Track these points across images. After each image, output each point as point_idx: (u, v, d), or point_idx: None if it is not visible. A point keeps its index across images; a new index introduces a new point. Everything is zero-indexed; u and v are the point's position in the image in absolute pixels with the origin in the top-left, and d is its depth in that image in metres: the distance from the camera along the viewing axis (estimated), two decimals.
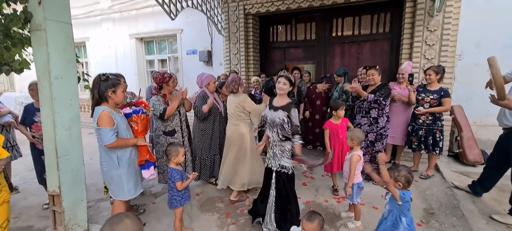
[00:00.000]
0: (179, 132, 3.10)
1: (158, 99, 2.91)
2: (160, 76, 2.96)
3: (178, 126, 3.09)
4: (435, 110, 3.39)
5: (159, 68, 7.23)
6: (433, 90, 3.42)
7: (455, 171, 3.88)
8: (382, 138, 3.28)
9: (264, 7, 5.09)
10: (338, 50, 5.24)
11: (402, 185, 1.84)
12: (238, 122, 3.03)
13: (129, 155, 2.22)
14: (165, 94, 3.01)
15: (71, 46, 2.19)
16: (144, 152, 2.30)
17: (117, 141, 2.08)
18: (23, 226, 2.75)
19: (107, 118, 2.04)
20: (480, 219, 2.66)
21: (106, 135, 2.02)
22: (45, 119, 2.10)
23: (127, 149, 2.21)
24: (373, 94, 3.19)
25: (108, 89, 2.09)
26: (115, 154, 2.15)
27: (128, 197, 2.26)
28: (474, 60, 4.23)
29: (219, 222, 2.71)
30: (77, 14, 7.18)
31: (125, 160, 2.19)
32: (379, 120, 3.24)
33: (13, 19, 2.09)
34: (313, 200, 3.13)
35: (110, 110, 2.09)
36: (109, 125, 2.03)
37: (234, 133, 3.04)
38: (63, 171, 2.15)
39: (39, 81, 2.09)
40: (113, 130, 2.05)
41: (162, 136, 3.03)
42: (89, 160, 4.54)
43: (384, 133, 3.27)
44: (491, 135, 4.06)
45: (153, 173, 2.37)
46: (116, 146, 2.10)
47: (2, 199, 1.92)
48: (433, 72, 3.40)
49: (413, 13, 4.15)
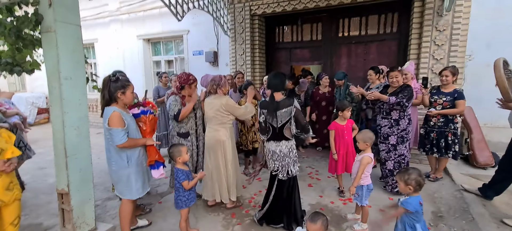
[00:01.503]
0: (194, 135, 2.99)
1: (175, 100, 2.83)
2: (185, 77, 2.84)
3: (193, 129, 2.98)
4: (448, 112, 3.28)
5: (166, 69, 7.30)
6: (447, 92, 3.30)
7: (465, 174, 3.80)
8: (404, 141, 3.12)
9: (270, 7, 5.09)
10: (344, 50, 5.20)
11: (412, 189, 1.79)
12: (218, 127, 2.79)
13: (138, 154, 2.26)
14: (184, 96, 2.90)
15: (80, 48, 2.23)
16: (153, 152, 2.33)
17: (128, 141, 2.11)
18: (33, 223, 2.81)
19: (118, 118, 2.07)
20: (491, 223, 2.60)
21: (118, 135, 2.06)
22: (55, 118, 2.15)
23: (136, 149, 2.25)
24: (395, 96, 3.08)
25: (118, 90, 2.13)
26: (125, 153, 2.18)
27: (136, 196, 2.29)
28: (485, 61, 4.13)
29: (225, 223, 2.72)
30: (86, 16, 7.31)
31: (134, 160, 2.23)
32: (400, 121, 3.10)
33: (25, 21, 2.15)
34: (318, 202, 3.11)
35: (120, 110, 2.12)
36: (120, 125, 2.07)
37: (212, 139, 2.81)
38: (71, 170, 2.19)
39: (49, 82, 2.13)
40: (124, 130, 2.09)
41: (176, 137, 2.97)
42: (97, 159, 4.61)
43: (406, 135, 3.12)
44: (502, 137, 3.96)
45: (162, 173, 2.39)
46: (127, 146, 2.14)
47: (14, 196, 1.96)
48: (450, 73, 3.26)
49: (421, 12, 4.09)
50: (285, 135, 2.42)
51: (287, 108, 2.37)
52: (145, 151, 2.36)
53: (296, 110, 2.38)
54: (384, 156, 3.24)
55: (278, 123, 2.40)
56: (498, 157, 3.81)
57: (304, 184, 3.57)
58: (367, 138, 2.44)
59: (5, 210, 1.94)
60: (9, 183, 1.95)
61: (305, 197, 3.18)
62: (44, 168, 4.32)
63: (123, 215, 2.31)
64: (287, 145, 2.45)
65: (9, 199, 1.93)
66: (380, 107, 3.28)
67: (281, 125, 2.40)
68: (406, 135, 3.13)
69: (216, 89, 2.82)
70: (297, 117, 2.39)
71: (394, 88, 3.17)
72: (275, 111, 2.39)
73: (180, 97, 2.87)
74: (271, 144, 2.49)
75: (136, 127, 2.30)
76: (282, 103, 2.39)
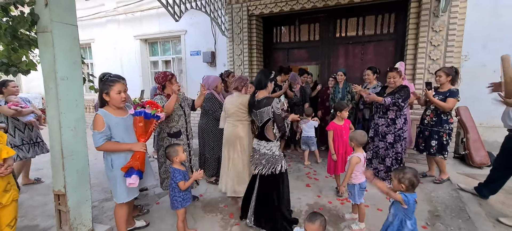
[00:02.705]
0: (184, 133, 2.99)
1: (161, 99, 2.82)
2: (162, 75, 2.87)
3: (184, 127, 2.99)
4: (435, 102, 3.22)
5: (163, 69, 7.27)
6: (442, 91, 3.33)
7: (461, 173, 3.83)
8: (401, 139, 3.24)
9: (267, 8, 5.10)
10: (342, 51, 5.22)
11: (405, 187, 1.82)
12: (237, 123, 2.88)
13: (124, 159, 2.16)
14: (169, 94, 2.89)
15: (77, 48, 2.21)
16: (134, 159, 2.13)
17: (105, 145, 2.06)
18: (29, 225, 2.78)
19: (99, 121, 2.06)
20: (487, 222, 2.62)
21: (94, 138, 2.05)
22: (51, 119, 2.13)
23: (121, 154, 2.15)
24: (392, 96, 3.14)
25: (103, 92, 2.12)
26: (110, 156, 2.16)
27: (120, 200, 2.22)
28: (481, 61, 4.18)
29: (223, 223, 2.71)
30: (83, 15, 7.25)
31: (119, 164, 2.14)
32: (397, 121, 3.20)
33: (21, 21, 2.13)
34: (316, 202, 3.12)
35: (106, 112, 2.11)
36: (98, 128, 2.05)
37: (231, 134, 2.90)
38: (68, 171, 2.17)
39: (45, 83, 2.12)
40: (101, 133, 2.04)
41: (167, 138, 2.90)
42: (94, 160, 4.57)
43: (402, 134, 3.23)
44: (498, 137, 4.00)
45: (132, 183, 2.12)
46: (104, 150, 2.11)
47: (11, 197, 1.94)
48: (443, 74, 3.29)
49: (418, 13, 4.12)
50: (266, 135, 2.43)
51: (265, 108, 2.37)
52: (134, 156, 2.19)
53: (274, 113, 2.37)
54: (383, 153, 3.32)
55: (259, 121, 2.42)
56: (494, 156, 3.83)
57: (302, 184, 3.58)
58: (352, 138, 2.47)
59: (1, 212, 1.93)
60: (6, 184, 1.93)
61: (303, 197, 3.19)
62: (40, 169, 4.28)
63: (118, 217, 2.31)
64: (266, 146, 2.45)
65: (7, 201, 1.91)
66: (377, 107, 3.33)
67: (262, 124, 2.41)
68: (402, 133, 3.22)
69: (242, 87, 2.92)
70: (274, 118, 2.40)
71: (392, 89, 3.21)
72: (255, 109, 2.41)
73: (165, 96, 2.86)
74: (255, 140, 2.55)
75: (128, 130, 2.22)
76: (261, 102, 2.40)
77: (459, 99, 3.28)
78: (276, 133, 2.46)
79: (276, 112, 2.38)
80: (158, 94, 2.94)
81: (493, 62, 4.08)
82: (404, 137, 3.25)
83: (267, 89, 2.49)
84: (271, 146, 2.46)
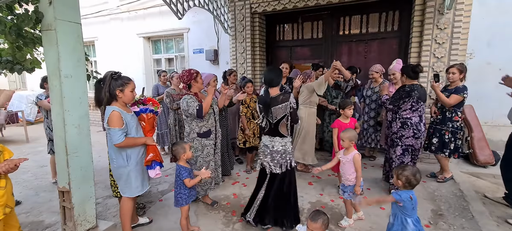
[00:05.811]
0: (214, 133, 2.85)
1: (191, 98, 2.70)
2: (187, 74, 2.72)
3: (213, 126, 2.84)
4: (438, 93, 3.19)
5: (166, 67, 7.30)
6: (450, 88, 3.27)
7: (465, 172, 3.80)
8: (394, 145, 2.99)
9: (270, 5, 5.08)
10: (345, 48, 5.18)
11: (401, 184, 1.84)
12: (301, 106, 3.64)
13: (138, 153, 2.25)
14: (196, 93, 2.78)
15: (80, 46, 2.22)
16: (151, 152, 2.30)
17: (125, 141, 2.11)
18: (35, 221, 2.82)
19: (117, 118, 2.07)
20: (491, 221, 2.60)
21: (115, 135, 2.06)
22: (56, 116, 2.15)
23: (137, 148, 2.23)
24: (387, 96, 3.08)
25: (117, 88, 2.12)
26: (125, 152, 2.19)
27: (135, 193, 2.29)
28: (486, 59, 4.12)
29: (225, 220, 2.73)
30: (87, 13, 7.29)
31: (134, 158, 2.22)
32: (392, 124, 3.05)
33: (25, 19, 2.15)
34: (319, 200, 3.12)
35: (120, 110, 2.12)
36: (118, 125, 2.07)
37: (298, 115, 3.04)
38: (72, 168, 2.20)
39: (49, 80, 2.13)
40: (122, 130, 2.08)
41: (196, 139, 2.75)
42: (98, 157, 4.62)
43: (396, 139, 2.97)
44: (502, 135, 3.95)
45: (158, 173, 2.34)
46: (125, 145, 2.14)
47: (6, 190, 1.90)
48: (457, 71, 3.19)
49: (422, 10, 4.07)
50: (280, 132, 2.43)
51: (282, 104, 2.35)
52: (146, 150, 2.35)
53: (291, 108, 2.37)
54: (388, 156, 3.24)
55: (273, 118, 2.40)
56: (499, 155, 3.80)
57: (305, 182, 3.58)
58: (344, 137, 2.46)
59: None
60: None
61: (305, 195, 3.19)
62: (45, 166, 4.34)
63: (124, 213, 2.32)
64: (281, 142, 2.44)
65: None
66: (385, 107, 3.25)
67: (276, 121, 2.40)
68: (396, 139, 2.98)
69: (306, 79, 3.64)
70: (290, 113, 2.39)
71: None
72: (269, 106, 2.39)
73: (193, 94, 2.76)
74: (266, 138, 2.51)
75: (138, 125, 2.28)
76: (277, 99, 2.38)
77: (465, 96, 3.18)
78: (288, 128, 2.46)
79: (293, 107, 2.40)
80: (186, 94, 2.79)
81: (498, 60, 4.04)
82: (398, 143, 2.97)
83: (279, 86, 2.48)
84: (286, 141, 2.45)
